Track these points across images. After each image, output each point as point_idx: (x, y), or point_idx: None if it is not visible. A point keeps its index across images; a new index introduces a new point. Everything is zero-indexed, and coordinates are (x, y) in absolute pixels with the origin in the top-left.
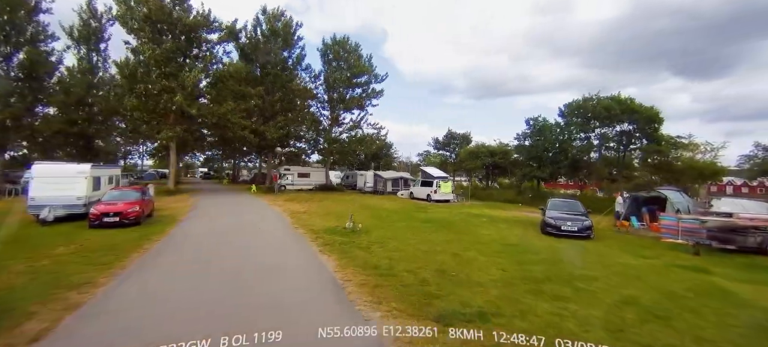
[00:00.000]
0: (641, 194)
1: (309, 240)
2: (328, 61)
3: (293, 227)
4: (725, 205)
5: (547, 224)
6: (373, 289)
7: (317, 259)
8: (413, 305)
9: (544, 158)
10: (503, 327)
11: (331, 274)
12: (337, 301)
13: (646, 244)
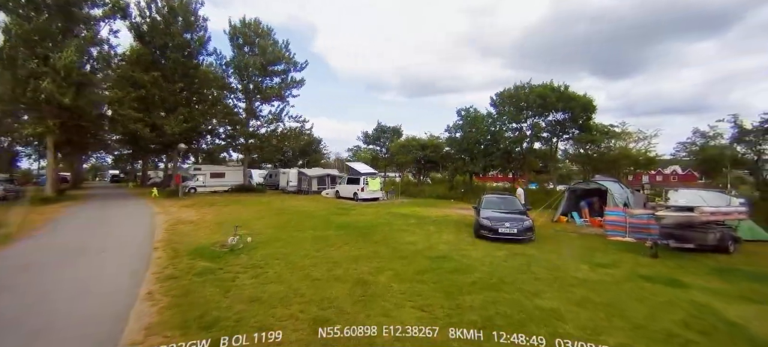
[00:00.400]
0: (579, 186)
1: (152, 271)
2: (239, 46)
3: (155, 247)
4: (683, 197)
5: (482, 227)
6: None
7: (127, 311)
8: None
9: (476, 151)
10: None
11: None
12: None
13: (595, 246)
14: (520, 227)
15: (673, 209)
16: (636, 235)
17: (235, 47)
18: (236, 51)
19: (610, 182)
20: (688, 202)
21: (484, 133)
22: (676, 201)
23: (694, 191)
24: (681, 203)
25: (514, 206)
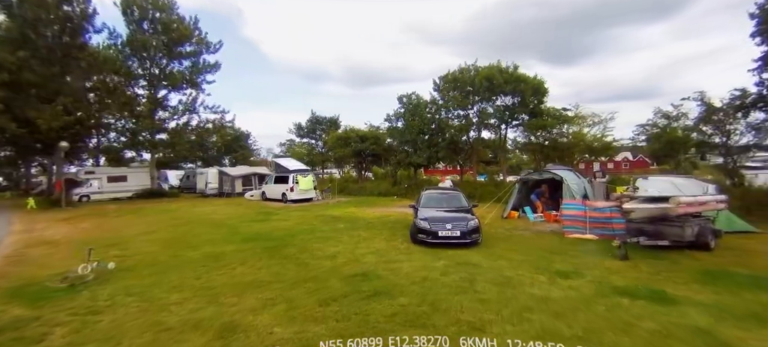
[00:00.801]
0: (531, 176)
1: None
2: (135, 21)
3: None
4: (654, 186)
5: (419, 230)
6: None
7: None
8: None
9: (420, 142)
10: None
11: None
12: None
13: (552, 246)
14: (464, 228)
15: (644, 200)
16: (598, 231)
17: (131, 23)
18: (133, 27)
19: (565, 172)
20: (661, 191)
21: (427, 121)
22: (646, 191)
23: (666, 178)
24: (652, 193)
25: (459, 204)
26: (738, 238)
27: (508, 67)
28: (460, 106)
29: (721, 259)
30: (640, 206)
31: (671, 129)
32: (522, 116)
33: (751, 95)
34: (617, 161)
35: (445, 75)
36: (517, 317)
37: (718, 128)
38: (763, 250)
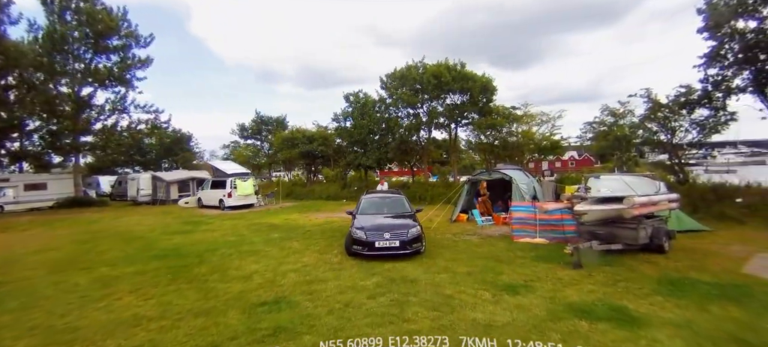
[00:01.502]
0: (480, 176)
1: None
2: (55, 12)
3: None
4: (606, 186)
5: (354, 241)
6: None
7: None
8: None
9: (369, 142)
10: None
11: None
12: None
13: (500, 254)
14: (404, 237)
15: (596, 201)
16: (548, 234)
17: (51, 14)
18: (53, 19)
19: (514, 171)
20: (613, 191)
21: (376, 121)
22: (599, 191)
23: (618, 177)
24: (605, 193)
25: (401, 209)
26: (689, 237)
27: (455, 65)
28: (408, 104)
29: (679, 263)
30: (593, 207)
31: (618, 126)
32: (472, 115)
33: (696, 91)
34: (564, 159)
35: (393, 72)
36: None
37: (663, 125)
38: (717, 250)
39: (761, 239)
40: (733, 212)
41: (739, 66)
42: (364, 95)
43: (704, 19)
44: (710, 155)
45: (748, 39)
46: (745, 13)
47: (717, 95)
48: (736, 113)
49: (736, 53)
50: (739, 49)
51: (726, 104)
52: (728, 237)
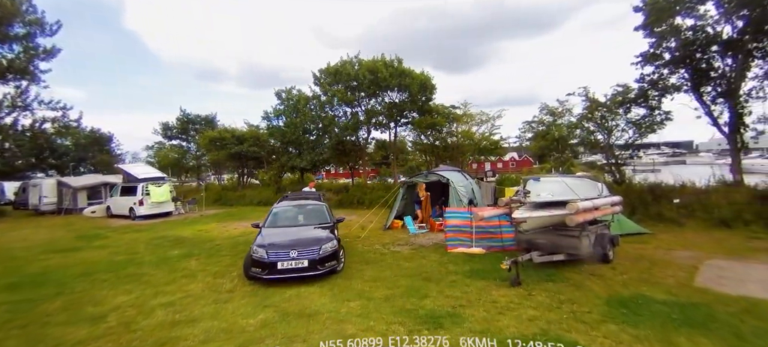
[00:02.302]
0: (417, 179)
1: None
2: None
3: None
4: (547, 189)
5: (253, 262)
6: None
7: None
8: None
9: (304, 142)
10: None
11: None
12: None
13: (430, 270)
14: (314, 255)
15: (537, 206)
16: (486, 243)
17: None
18: None
19: (453, 173)
20: (555, 194)
21: (310, 119)
22: (539, 195)
23: (559, 179)
24: (545, 197)
25: (320, 219)
26: (631, 242)
27: (392, 61)
28: (344, 101)
29: (626, 275)
30: (533, 214)
31: (556, 126)
32: (412, 114)
33: (632, 90)
34: (505, 160)
35: (326, 67)
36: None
37: (600, 125)
38: (663, 258)
39: (702, 242)
40: (671, 214)
41: (676, 65)
42: (298, 92)
43: (643, 16)
44: (637, 156)
45: (685, 37)
46: (683, 9)
47: (653, 93)
48: (670, 113)
49: (672, 52)
50: (675, 48)
51: (661, 103)
52: (670, 241)
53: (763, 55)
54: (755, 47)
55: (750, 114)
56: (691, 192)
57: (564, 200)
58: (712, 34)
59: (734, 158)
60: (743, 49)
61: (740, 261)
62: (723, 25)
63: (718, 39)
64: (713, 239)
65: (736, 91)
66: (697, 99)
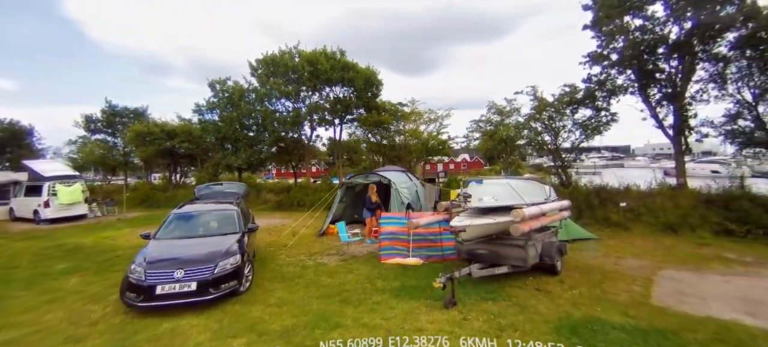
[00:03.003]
0: (357, 179)
1: None
2: None
3: None
4: (489, 192)
5: (130, 285)
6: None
7: None
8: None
9: (242, 139)
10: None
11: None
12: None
13: (354, 286)
14: (206, 275)
15: (478, 212)
16: (424, 252)
17: None
18: None
19: (396, 173)
20: (498, 199)
21: (247, 113)
22: (481, 199)
23: (503, 181)
24: (488, 202)
25: (225, 226)
26: (579, 249)
27: (334, 53)
28: (283, 95)
29: (576, 291)
30: (473, 221)
31: (504, 126)
32: (359, 111)
33: (580, 90)
34: (457, 162)
35: (263, 57)
36: None
37: (548, 126)
38: (614, 268)
39: (652, 249)
40: (618, 218)
41: (623, 66)
42: (234, 83)
43: (592, 14)
44: (580, 159)
45: (633, 37)
46: (632, 8)
47: (600, 95)
48: (616, 114)
49: (620, 52)
50: (623, 48)
51: (609, 104)
52: (619, 248)
53: (709, 58)
54: (702, 50)
55: (695, 116)
56: (636, 195)
57: (509, 206)
58: (660, 36)
59: (678, 162)
60: (689, 51)
61: (695, 272)
62: (671, 26)
63: (665, 40)
64: (662, 246)
65: (681, 93)
66: (643, 101)
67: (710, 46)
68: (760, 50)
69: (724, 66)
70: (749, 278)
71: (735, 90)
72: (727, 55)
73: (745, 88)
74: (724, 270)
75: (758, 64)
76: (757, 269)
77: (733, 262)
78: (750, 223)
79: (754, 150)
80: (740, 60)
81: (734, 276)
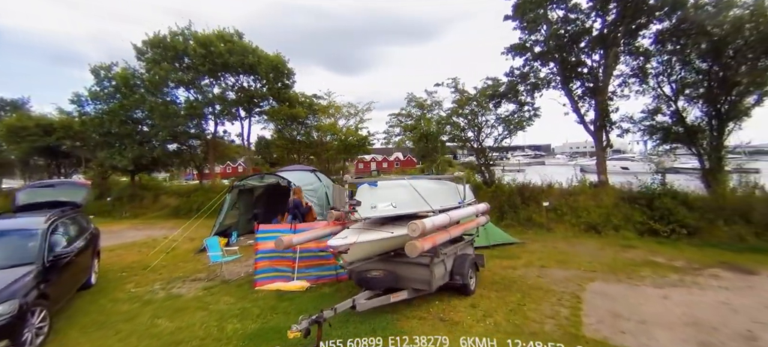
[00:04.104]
0: (250, 181)
1: None
2: None
3: None
4: (384, 198)
5: None
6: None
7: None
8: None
9: (129, 134)
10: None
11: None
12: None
13: (183, 335)
14: None
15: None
16: (313, 273)
17: None
18: None
19: (301, 173)
20: (399, 205)
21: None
22: (374, 206)
23: (405, 182)
24: (382, 211)
25: (11, 256)
26: (499, 256)
27: (232, 35)
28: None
29: (492, 320)
30: (359, 239)
31: (425, 120)
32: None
33: (502, 83)
34: (390, 160)
35: (151, 38)
36: None
37: (471, 121)
38: (538, 282)
39: (577, 255)
40: (541, 218)
41: (546, 58)
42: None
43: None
44: (506, 157)
45: (555, 28)
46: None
47: (522, 89)
48: (539, 109)
49: (543, 44)
50: (546, 39)
51: (533, 98)
52: (542, 254)
53: (631, 52)
54: (625, 43)
55: (616, 111)
56: (558, 194)
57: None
58: (583, 28)
59: (599, 158)
60: (613, 43)
61: (627, 284)
62: (593, 18)
63: (588, 32)
64: (587, 249)
65: (603, 88)
66: (566, 94)
67: (633, 40)
68: (681, 44)
69: (646, 60)
70: (688, 290)
71: (656, 84)
72: (649, 50)
73: (666, 82)
74: (657, 279)
75: (679, 58)
76: (692, 277)
77: (664, 268)
78: (673, 222)
79: (670, 146)
80: (661, 55)
81: (670, 287)
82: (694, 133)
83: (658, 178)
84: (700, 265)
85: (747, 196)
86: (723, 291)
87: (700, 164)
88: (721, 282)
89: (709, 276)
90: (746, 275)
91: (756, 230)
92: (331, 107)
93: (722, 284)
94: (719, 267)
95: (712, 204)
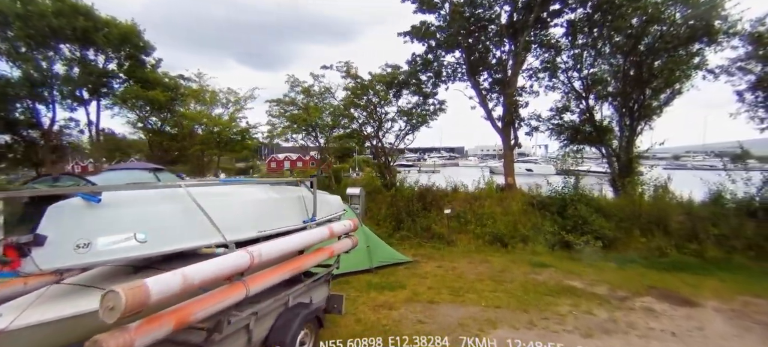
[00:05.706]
0: (38, 183)
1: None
2: None
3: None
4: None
5: None
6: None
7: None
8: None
9: None
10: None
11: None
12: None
13: None
14: None
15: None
16: None
17: None
18: None
19: (132, 173)
20: (151, 232)
21: None
22: (88, 243)
23: (180, 190)
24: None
25: None
26: (379, 284)
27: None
28: None
29: None
30: (16, 320)
31: (313, 108)
32: (118, 80)
33: (403, 71)
34: (305, 159)
35: None
36: None
37: (370, 113)
38: (419, 328)
39: (477, 279)
40: (442, 229)
41: (450, 45)
42: None
43: None
44: (422, 158)
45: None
46: None
47: (425, 78)
48: (445, 102)
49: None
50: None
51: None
52: (436, 279)
53: (541, 45)
54: (534, 35)
55: (526, 106)
56: (463, 198)
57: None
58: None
59: (507, 158)
60: (521, 34)
61: (541, 331)
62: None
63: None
64: (492, 270)
65: (512, 81)
66: (473, 86)
67: (543, 31)
68: (593, 36)
69: (556, 54)
70: (626, 340)
71: (566, 79)
72: (559, 43)
73: (576, 77)
74: (581, 318)
75: (590, 52)
76: (624, 313)
77: (586, 298)
78: (588, 232)
79: (578, 146)
80: (572, 49)
81: (602, 335)
82: (604, 132)
83: (571, 181)
84: (626, 292)
85: (659, 201)
86: (669, 339)
87: (609, 166)
88: (662, 322)
89: (643, 310)
90: (687, 308)
91: (676, 242)
92: (203, 92)
93: (664, 325)
94: (650, 296)
95: (626, 212)
